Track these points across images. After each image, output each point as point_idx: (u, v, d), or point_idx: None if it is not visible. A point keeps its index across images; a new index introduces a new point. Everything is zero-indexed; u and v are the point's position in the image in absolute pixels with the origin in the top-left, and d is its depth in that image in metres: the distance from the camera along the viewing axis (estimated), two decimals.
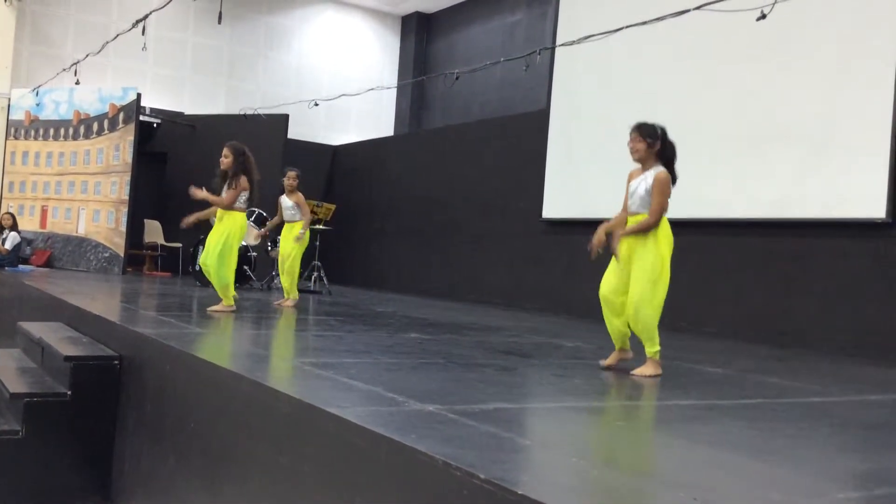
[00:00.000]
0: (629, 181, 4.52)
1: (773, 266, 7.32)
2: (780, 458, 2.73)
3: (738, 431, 3.15)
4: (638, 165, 4.49)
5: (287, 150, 11.89)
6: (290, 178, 7.66)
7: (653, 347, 4.29)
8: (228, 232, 6.25)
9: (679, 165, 4.46)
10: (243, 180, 6.21)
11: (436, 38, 14.96)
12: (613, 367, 4.53)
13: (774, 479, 2.43)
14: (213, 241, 6.25)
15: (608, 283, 4.43)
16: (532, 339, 6.14)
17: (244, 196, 6.29)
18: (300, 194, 7.65)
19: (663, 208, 4.30)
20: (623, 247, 4.39)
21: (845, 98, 6.79)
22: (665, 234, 4.34)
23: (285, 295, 7.68)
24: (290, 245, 7.51)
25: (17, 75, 12.22)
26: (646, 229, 4.30)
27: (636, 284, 4.26)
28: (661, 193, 4.29)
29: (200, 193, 6.22)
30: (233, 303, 6.39)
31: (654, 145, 4.38)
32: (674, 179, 4.39)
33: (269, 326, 6.14)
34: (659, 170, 4.34)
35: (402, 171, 12.61)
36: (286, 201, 7.64)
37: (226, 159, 6.26)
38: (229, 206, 6.21)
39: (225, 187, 6.27)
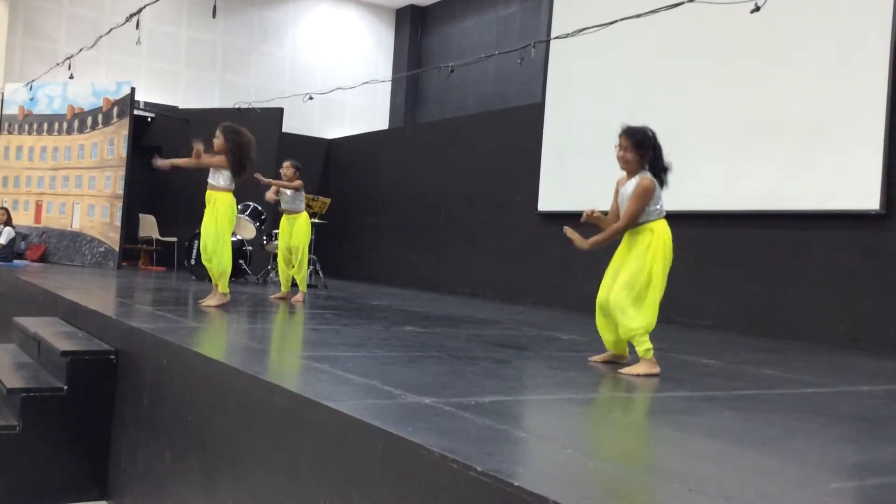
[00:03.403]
0: (617, 190, 4.35)
1: (767, 258, 7.34)
2: (774, 448, 2.75)
3: (733, 423, 3.17)
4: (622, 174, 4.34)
5: (282, 143, 11.88)
6: (285, 167, 7.58)
7: (641, 346, 4.16)
8: (217, 215, 6.26)
9: (673, 158, 4.40)
10: (218, 158, 6.17)
11: (430, 32, 14.94)
12: (601, 363, 4.50)
13: (768, 469, 2.44)
14: (206, 227, 6.28)
15: (604, 289, 4.31)
16: (527, 332, 6.16)
17: (226, 174, 6.24)
18: (299, 182, 7.57)
19: (635, 215, 4.15)
20: (622, 248, 4.32)
21: (839, 90, 6.80)
22: (663, 245, 4.19)
23: (282, 289, 7.68)
24: (299, 237, 7.49)
25: (10, 70, 12.18)
26: (612, 236, 4.21)
27: (618, 290, 4.17)
28: (637, 199, 4.13)
29: (162, 162, 6.31)
30: (227, 291, 6.38)
31: (646, 155, 4.19)
32: (661, 182, 4.24)
33: (264, 320, 6.15)
34: (644, 175, 4.19)
35: (397, 165, 12.60)
36: (284, 192, 7.61)
37: (217, 140, 6.23)
38: (203, 165, 6.21)
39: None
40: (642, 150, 4.19)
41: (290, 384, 3.08)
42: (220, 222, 6.29)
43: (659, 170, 4.25)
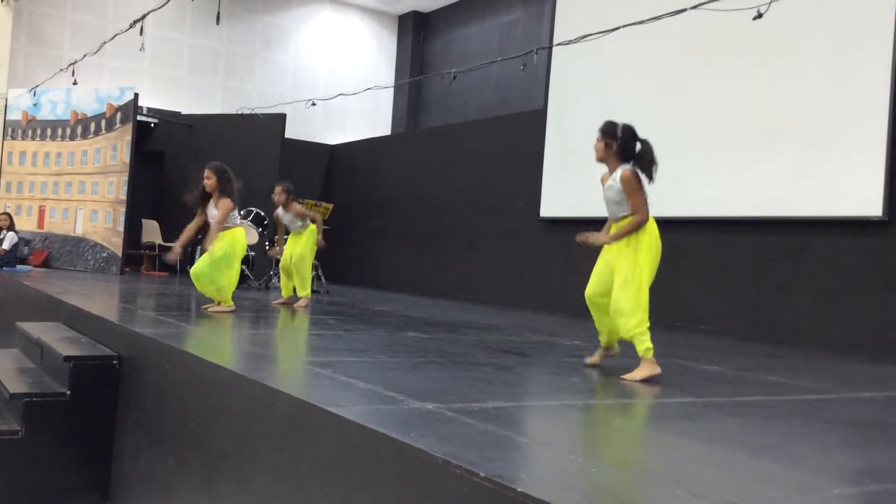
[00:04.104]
0: (602, 185, 4.40)
1: (769, 264, 7.34)
2: (776, 454, 2.76)
3: (734, 428, 3.17)
4: (605, 169, 4.39)
5: (284, 149, 11.90)
6: (276, 193, 7.50)
7: (641, 346, 4.17)
8: (232, 246, 6.33)
9: (675, 164, 4.42)
10: (227, 202, 6.26)
11: (433, 38, 14.97)
12: (598, 364, 4.56)
13: (771, 475, 2.45)
14: (215, 251, 6.26)
15: (592, 284, 4.42)
16: (530, 338, 6.16)
17: (234, 213, 6.39)
18: (296, 205, 7.55)
19: (644, 203, 4.18)
20: (610, 251, 4.34)
21: (841, 96, 6.81)
22: (649, 238, 4.22)
23: (283, 294, 7.70)
24: (301, 248, 7.48)
25: (14, 75, 12.21)
26: (638, 227, 4.18)
27: (618, 292, 4.19)
28: (633, 191, 4.15)
29: (177, 253, 6.37)
30: (232, 304, 6.41)
31: (612, 145, 4.24)
32: (650, 176, 4.24)
33: (267, 326, 6.16)
34: (623, 169, 4.21)
35: (399, 171, 12.62)
36: (284, 216, 7.61)
37: (209, 181, 6.30)
38: (223, 221, 6.30)
39: (210, 206, 6.35)
40: (608, 139, 4.25)
41: (292, 389, 3.09)
42: (234, 253, 6.34)
43: (644, 163, 4.25)
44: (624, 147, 4.25)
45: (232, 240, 6.35)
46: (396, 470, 2.37)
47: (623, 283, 4.18)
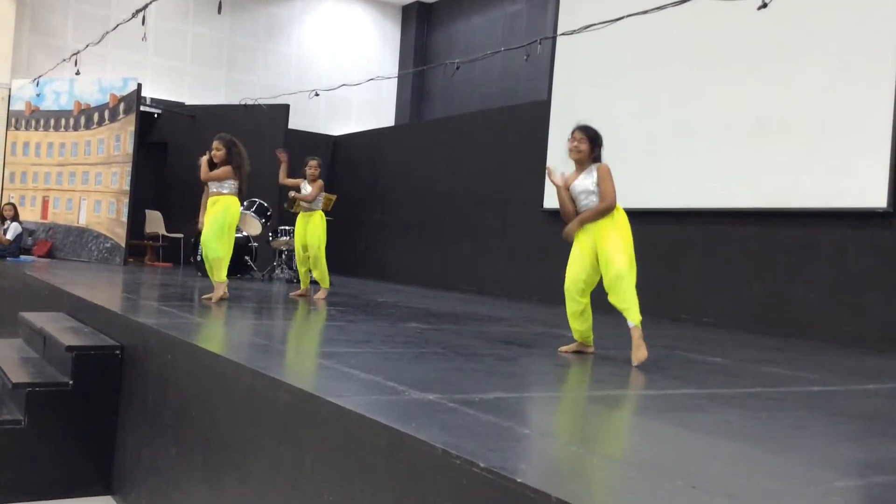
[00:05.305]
0: (567, 187, 4.67)
1: (773, 256, 7.32)
2: (779, 446, 2.74)
3: (738, 421, 3.16)
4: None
5: (288, 140, 11.88)
6: (312, 167, 7.66)
7: (636, 314, 4.34)
8: (224, 212, 6.41)
9: (680, 155, 4.47)
10: (226, 168, 6.37)
11: (436, 28, 14.92)
12: (572, 353, 4.69)
13: (773, 467, 2.44)
14: (211, 220, 6.40)
15: (574, 272, 4.63)
16: (532, 330, 6.15)
17: (230, 183, 6.41)
18: (320, 181, 7.67)
19: (613, 192, 4.47)
20: (588, 237, 4.54)
21: (846, 87, 6.77)
22: (622, 219, 4.50)
23: (301, 286, 7.70)
24: (313, 236, 7.51)
25: (17, 66, 12.21)
26: (603, 212, 4.47)
27: (614, 255, 4.38)
28: (607, 179, 4.48)
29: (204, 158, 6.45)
30: (225, 278, 6.42)
31: (595, 151, 4.58)
32: None
33: (270, 316, 6.16)
34: (599, 164, 4.56)
35: (402, 162, 12.60)
36: (306, 187, 7.69)
37: (218, 152, 6.41)
38: (213, 179, 6.41)
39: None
40: (594, 145, 4.60)
41: (294, 380, 3.08)
42: (228, 219, 6.45)
43: None
44: (600, 151, 4.66)
45: (223, 207, 6.41)
46: (397, 460, 2.36)
47: (624, 253, 4.39)
